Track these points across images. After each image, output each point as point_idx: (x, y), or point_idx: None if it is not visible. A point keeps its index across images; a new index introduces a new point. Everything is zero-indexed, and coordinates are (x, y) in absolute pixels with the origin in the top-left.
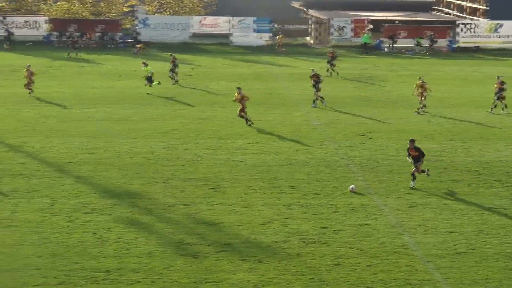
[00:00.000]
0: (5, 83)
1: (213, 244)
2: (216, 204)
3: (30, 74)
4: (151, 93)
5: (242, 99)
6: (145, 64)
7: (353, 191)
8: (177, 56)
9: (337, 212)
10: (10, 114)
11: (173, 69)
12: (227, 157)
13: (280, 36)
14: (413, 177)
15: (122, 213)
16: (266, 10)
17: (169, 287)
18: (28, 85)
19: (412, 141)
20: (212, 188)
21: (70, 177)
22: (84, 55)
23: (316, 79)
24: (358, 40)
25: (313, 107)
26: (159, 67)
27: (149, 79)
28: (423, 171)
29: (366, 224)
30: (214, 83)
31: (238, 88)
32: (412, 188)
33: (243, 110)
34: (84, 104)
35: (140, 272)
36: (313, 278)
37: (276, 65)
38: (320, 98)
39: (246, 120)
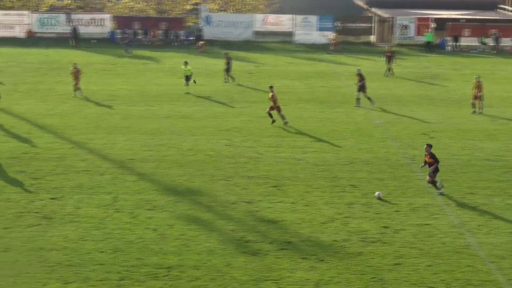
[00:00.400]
0: (70, 80)
1: (274, 242)
2: (277, 202)
3: (77, 73)
4: (188, 93)
5: (273, 97)
6: (186, 63)
7: (379, 198)
8: (240, 54)
9: (398, 211)
10: (74, 111)
11: (227, 68)
12: (288, 155)
13: (334, 34)
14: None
15: (183, 210)
16: (329, 8)
17: (230, 285)
18: (75, 83)
19: (429, 146)
20: (273, 186)
21: (132, 174)
22: (148, 53)
23: (360, 79)
24: (422, 39)
25: (372, 106)
26: (221, 64)
27: (188, 78)
28: (434, 183)
29: (428, 224)
30: (276, 81)
31: (271, 87)
32: (442, 195)
33: (278, 109)
34: (147, 101)
35: (201, 269)
36: (373, 278)
37: (339, 63)
38: (358, 99)
39: (271, 116)
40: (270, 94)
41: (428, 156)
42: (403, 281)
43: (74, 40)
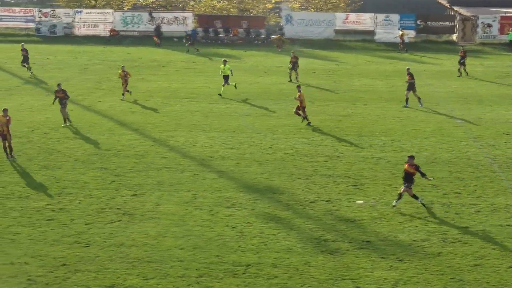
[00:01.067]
0: (152, 78)
1: (352, 241)
2: (356, 201)
3: (125, 76)
4: (220, 94)
5: (300, 97)
6: (224, 62)
7: (361, 206)
8: (321, 53)
9: (479, 212)
10: (156, 108)
11: (293, 67)
12: (368, 154)
13: (401, 32)
14: (400, 196)
15: (262, 208)
16: (410, 7)
17: (307, 283)
18: (124, 86)
19: (411, 157)
20: (352, 185)
21: (212, 172)
22: (229, 51)
23: (410, 78)
24: (504, 38)
25: (405, 106)
26: (301, 63)
27: (226, 78)
28: (415, 196)
29: (509, 225)
30: (357, 80)
31: (298, 87)
32: (393, 207)
33: (303, 109)
34: (228, 99)
35: (279, 267)
36: (453, 278)
37: (420, 62)
38: (407, 99)
39: (303, 118)
40: (297, 94)
41: (413, 167)
42: (483, 282)
43: (159, 37)
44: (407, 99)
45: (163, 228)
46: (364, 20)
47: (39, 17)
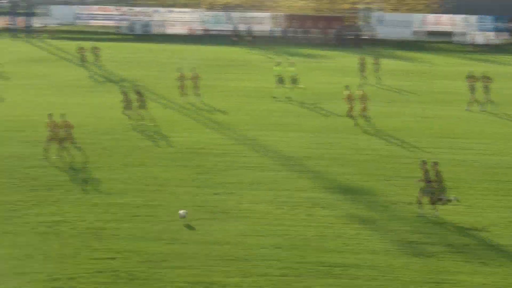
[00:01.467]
0: (232, 77)
1: (436, 244)
2: (439, 204)
3: (181, 76)
4: (275, 97)
5: (349, 97)
6: (278, 64)
7: (182, 217)
8: (410, 54)
9: None
10: (237, 108)
11: (362, 69)
12: (449, 157)
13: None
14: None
15: (344, 209)
16: (504, 9)
17: (391, 285)
18: (181, 88)
19: (424, 162)
20: None
21: (293, 171)
22: (317, 51)
23: (472, 81)
24: None
25: (482, 110)
26: (385, 64)
27: (281, 80)
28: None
29: None
30: (439, 81)
31: (347, 87)
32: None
33: (350, 109)
34: (312, 100)
35: (362, 268)
36: None
37: (510, 65)
38: (472, 102)
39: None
40: (346, 93)
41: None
42: None
43: (237, 37)
44: (478, 102)
45: (246, 227)
46: (454, 22)
47: (119, 15)
